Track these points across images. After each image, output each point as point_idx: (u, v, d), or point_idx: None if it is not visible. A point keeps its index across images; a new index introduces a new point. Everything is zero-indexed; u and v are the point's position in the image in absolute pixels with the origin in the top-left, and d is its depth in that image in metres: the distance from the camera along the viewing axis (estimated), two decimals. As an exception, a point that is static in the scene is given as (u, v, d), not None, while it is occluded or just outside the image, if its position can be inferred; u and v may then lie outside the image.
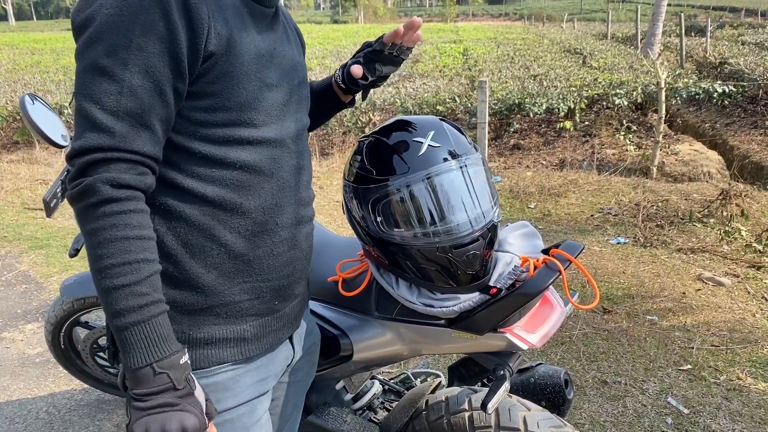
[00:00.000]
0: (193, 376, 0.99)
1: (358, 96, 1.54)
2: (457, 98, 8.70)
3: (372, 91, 1.45)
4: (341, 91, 1.47)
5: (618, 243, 4.66)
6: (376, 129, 1.42)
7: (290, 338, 1.31)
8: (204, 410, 0.99)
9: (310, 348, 1.45)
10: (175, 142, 1.04)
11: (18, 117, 9.22)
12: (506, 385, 1.32)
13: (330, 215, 5.60)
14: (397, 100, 8.79)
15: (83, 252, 1.23)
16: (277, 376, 1.28)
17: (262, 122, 1.09)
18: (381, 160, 1.34)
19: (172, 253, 1.08)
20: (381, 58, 1.37)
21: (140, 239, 0.95)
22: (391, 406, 1.92)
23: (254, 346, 1.18)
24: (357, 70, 1.36)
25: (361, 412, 1.86)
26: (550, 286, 1.35)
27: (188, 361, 0.99)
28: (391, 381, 2.03)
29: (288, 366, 1.34)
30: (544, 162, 7.55)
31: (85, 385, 2.88)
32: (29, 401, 2.82)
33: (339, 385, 1.80)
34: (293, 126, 1.18)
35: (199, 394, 0.99)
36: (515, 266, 1.36)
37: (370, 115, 8.28)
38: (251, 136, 1.08)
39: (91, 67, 0.93)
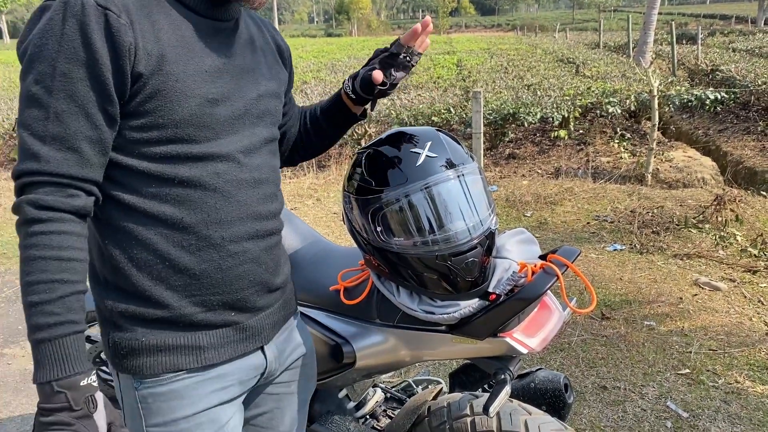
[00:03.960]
0: (98, 398, 0.99)
1: (368, 107, 1.52)
2: (452, 109, 8.74)
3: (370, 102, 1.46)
4: (352, 103, 1.46)
5: (614, 250, 4.69)
6: (374, 141, 1.45)
7: (262, 349, 1.29)
8: None
9: (303, 361, 1.42)
10: (116, 160, 1.06)
11: (15, 134, 9.24)
12: (507, 389, 1.34)
13: (328, 226, 5.62)
14: (393, 111, 8.83)
15: None
16: (244, 385, 1.26)
17: (204, 138, 1.10)
18: (380, 171, 1.37)
19: (119, 266, 1.11)
20: (396, 62, 1.36)
21: (58, 260, 0.97)
22: (394, 414, 1.93)
23: (211, 354, 1.18)
24: (378, 75, 1.33)
25: (363, 420, 1.88)
26: (549, 292, 1.38)
27: (93, 383, 0.98)
28: (393, 389, 2.05)
29: (262, 376, 1.31)
30: (539, 171, 7.59)
31: (88, 400, 2.88)
32: (32, 417, 2.83)
33: (342, 394, 1.82)
34: (245, 140, 1.18)
35: (100, 417, 0.98)
36: (513, 272, 1.39)
37: (366, 127, 8.32)
38: (190, 152, 1.09)
39: (25, 95, 0.99)
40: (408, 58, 1.36)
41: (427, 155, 1.34)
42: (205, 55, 1.12)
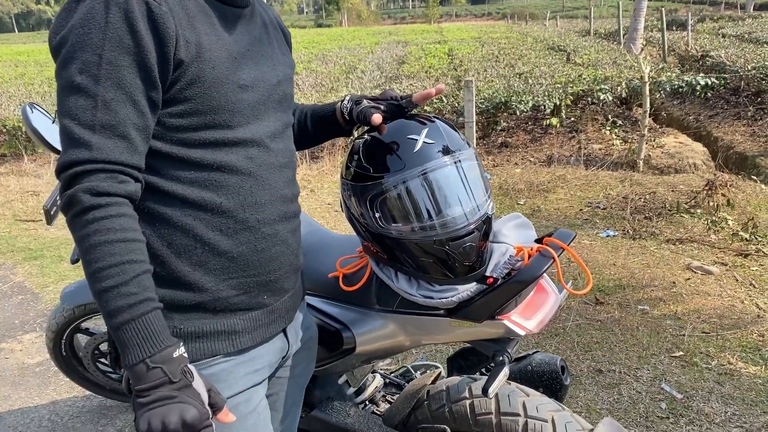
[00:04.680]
0: (191, 368, 1.01)
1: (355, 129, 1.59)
2: (443, 98, 8.75)
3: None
4: (344, 120, 1.51)
5: (607, 236, 4.72)
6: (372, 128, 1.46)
7: (284, 331, 1.35)
8: (205, 401, 1.01)
9: (307, 342, 1.48)
10: (155, 147, 1.08)
11: (4, 130, 9.18)
12: (506, 370, 1.36)
13: (322, 217, 5.63)
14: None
15: None
16: (272, 367, 1.32)
17: (238, 123, 1.14)
18: (377, 158, 1.38)
19: (158, 254, 1.12)
20: (398, 113, 1.42)
21: (124, 242, 0.99)
22: (393, 399, 1.96)
23: (246, 339, 1.22)
24: (378, 119, 1.37)
25: (363, 405, 1.90)
26: (545, 275, 1.40)
27: (184, 354, 1.01)
28: (392, 374, 2.08)
29: (283, 358, 1.37)
30: (532, 159, 7.61)
31: (87, 392, 2.90)
32: (31, 410, 2.84)
33: (341, 380, 1.85)
34: (271, 125, 1.22)
35: (199, 385, 1.01)
36: (510, 256, 1.41)
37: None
38: (226, 137, 1.12)
39: (68, 85, 0.99)
40: (408, 110, 1.43)
41: (424, 142, 1.35)
42: (232, 41, 1.15)
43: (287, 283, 1.30)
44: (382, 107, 1.42)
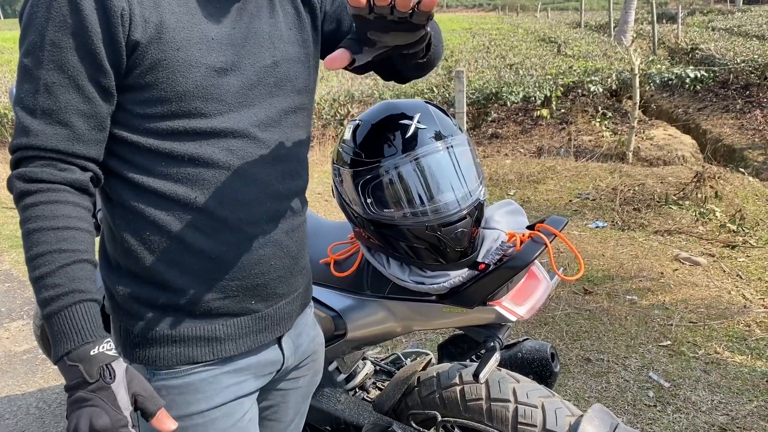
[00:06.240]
0: (115, 367, 0.90)
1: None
2: (434, 88, 8.74)
3: (350, 83, 1.35)
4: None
5: (597, 227, 4.74)
6: (364, 113, 1.45)
7: (279, 341, 1.21)
8: (125, 406, 0.90)
9: (312, 356, 1.33)
10: (121, 137, 1.00)
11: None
12: (497, 356, 1.36)
13: (312, 207, 5.59)
14: (375, 91, 8.81)
15: None
16: (261, 380, 1.20)
17: (215, 111, 1.02)
18: (370, 143, 1.37)
19: (132, 249, 1.05)
20: (371, 26, 0.88)
21: (54, 230, 0.92)
22: (383, 386, 1.96)
23: (229, 347, 1.11)
24: (330, 61, 0.93)
25: (353, 392, 1.90)
26: (536, 262, 1.40)
27: (106, 352, 0.91)
28: (382, 362, 2.08)
29: (278, 372, 1.23)
30: (522, 150, 7.63)
31: (75, 380, 2.88)
32: (18, 397, 2.82)
33: (332, 366, 1.84)
34: (262, 112, 1.08)
35: (119, 387, 0.90)
36: (502, 242, 1.41)
37: (349, 107, 8.29)
38: (200, 127, 1.01)
39: (18, 67, 0.95)
40: (396, 17, 0.85)
41: (416, 127, 1.35)
42: (212, 21, 1.02)
43: (281, 288, 1.16)
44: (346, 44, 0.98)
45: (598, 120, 8.16)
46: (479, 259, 1.39)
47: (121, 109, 0.99)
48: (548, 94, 8.33)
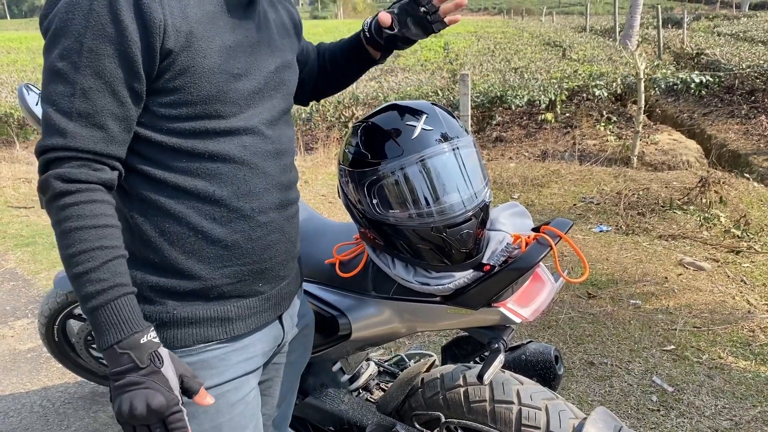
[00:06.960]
0: (162, 353, 1.01)
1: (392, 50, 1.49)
2: (439, 91, 8.75)
3: (354, 86, 1.47)
4: (369, 45, 1.43)
5: (601, 231, 4.74)
6: (370, 114, 1.46)
7: (280, 318, 1.34)
8: (175, 387, 1.00)
9: (303, 330, 1.47)
10: (145, 136, 1.07)
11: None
12: (501, 358, 1.37)
13: (316, 209, 5.62)
14: (380, 94, 8.82)
15: None
16: (266, 356, 1.31)
17: (231, 113, 1.12)
18: (375, 144, 1.38)
19: (151, 241, 1.12)
20: (415, 14, 1.30)
21: (94, 228, 0.99)
22: (387, 387, 1.96)
23: (239, 326, 1.22)
24: (385, 17, 1.31)
25: (357, 392, 1.90)
26: (541, 264, 1.40)
27: (153, 339, 1.01)
28: (386, 363, 2.08)
29: (278, 346, 1.37)
30: (526, 153, 7.63)
31: (79, 378, 2.89)
32: (23, 396, 2.83)
33: (336, 367, 1.85)
34: (267, 112, 1.20)
35: (168, 371, 1.00)
36: (507, 244, 1.41)
37: (354, 110, 8.30)
38: (219, 127, 1.11)
39: (49, 70, 0.99)
40: (429, 15, 1.30)
41: (422, 128, 1.35)
42: (228, 30, 1.12)
43: (283, 271, 1.29)
44: (395, 10, 1.33)
45: (603, 124, 8.16)
46: (484, 261, 1.39)
47: (146, 111, 1.07)
48: (553, 98, 8.33)
